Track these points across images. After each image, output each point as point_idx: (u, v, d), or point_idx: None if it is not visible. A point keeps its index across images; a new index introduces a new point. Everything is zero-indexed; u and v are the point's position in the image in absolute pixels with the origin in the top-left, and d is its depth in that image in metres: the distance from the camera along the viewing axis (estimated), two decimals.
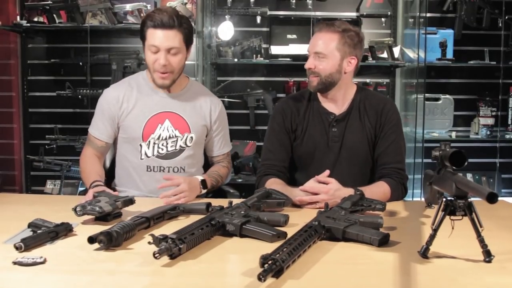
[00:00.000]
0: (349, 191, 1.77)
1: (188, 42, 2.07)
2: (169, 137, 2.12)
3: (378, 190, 1.91)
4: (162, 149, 2.12)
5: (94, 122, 2.16)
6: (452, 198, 1.26)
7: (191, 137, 2.14)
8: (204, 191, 2.04)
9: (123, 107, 2.12)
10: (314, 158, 2.10)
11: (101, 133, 2.13)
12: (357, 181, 2.00)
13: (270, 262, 1.13)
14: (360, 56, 2.09)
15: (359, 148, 2.08)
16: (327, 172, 1.89)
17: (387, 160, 2.04)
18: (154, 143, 2.11)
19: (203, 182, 2.04)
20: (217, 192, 2.26)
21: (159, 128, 2.11)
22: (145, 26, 2.02)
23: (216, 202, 1.74)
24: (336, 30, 2.01)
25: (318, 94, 2.12)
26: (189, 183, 1.95)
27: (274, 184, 1.96)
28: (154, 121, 2.11)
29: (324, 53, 2.00)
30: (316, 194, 1.83)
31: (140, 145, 2.12)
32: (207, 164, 2.30)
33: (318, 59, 2.01)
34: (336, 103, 2.11)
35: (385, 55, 3.57)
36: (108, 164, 2.29)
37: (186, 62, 2.12)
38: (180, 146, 2.13)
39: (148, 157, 2.12)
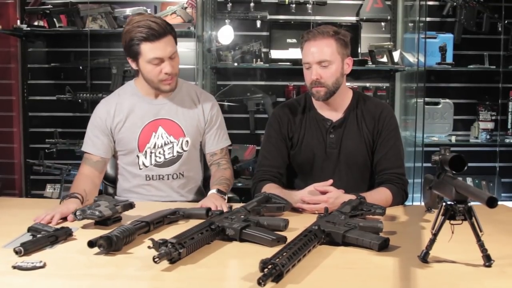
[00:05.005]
0: (350, 198, 1.75)
1: (176, 40, 2.04)
2: (165, 144, 2.11)
3: (379, 196, 1.90)
4: (160, 157, 2.11)
5: (86, 139, 2.11)
6: (452, 203, 1.27)
7: (187, 141, 2.13)
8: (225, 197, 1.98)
9: (116, 120, 2.09)
10: (313, 166, 2.09)
11: (96, 148, 2.09)
12: (356, 186, 2.00)
13: (270, 266, 1.13)
14: None
15: (357, 154, 2.07)
16: (330, 181, 1.86)
17: (387, 165, 2.03)
18: (151, 152, 2.10)
19: (220, 191, 1.96)
20: None
21: (153, 137, 2.10)
22: (135, 43, 1.94)
23: None
24: (330, 35, 1.98)
25: (315, 101, 2.11)
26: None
27: (271, 188, 1.95)
28: (147, 131, 2.09)
29: (329, 59, 1.97)
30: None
31: (137, 156, 2.11)
32: (206, 166, 2.27)
33: (323, 68, 1.98)
34: (333, 109, 2.10)
35: (384, 59, 3.57)
36: (113, 173, 2.27)
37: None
38: (178, 152, 2.12)
39: (146, 166, 2.11)
